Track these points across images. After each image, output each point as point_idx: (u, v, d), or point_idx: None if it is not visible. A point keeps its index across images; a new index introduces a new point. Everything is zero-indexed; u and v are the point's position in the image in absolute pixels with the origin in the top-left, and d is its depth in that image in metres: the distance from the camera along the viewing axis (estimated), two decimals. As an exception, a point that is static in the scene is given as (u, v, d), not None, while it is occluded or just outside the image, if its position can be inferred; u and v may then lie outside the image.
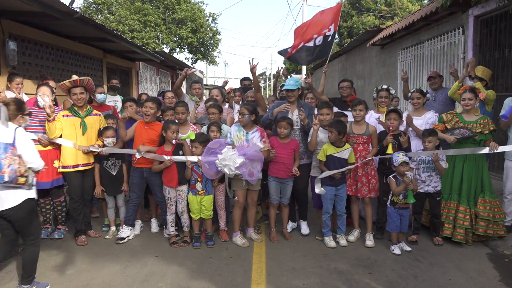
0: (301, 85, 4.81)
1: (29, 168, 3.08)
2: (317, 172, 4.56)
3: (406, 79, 5.74)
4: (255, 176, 4.26)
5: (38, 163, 3.17)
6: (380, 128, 4.68)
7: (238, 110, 5.59)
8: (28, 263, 3.26)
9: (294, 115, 4.69)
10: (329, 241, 4.40)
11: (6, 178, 2.91)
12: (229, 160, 4.07)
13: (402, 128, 4.64)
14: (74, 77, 4.43)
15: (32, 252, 3.28)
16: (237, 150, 4.14)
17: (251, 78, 5.92)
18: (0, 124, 3.04)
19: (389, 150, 4.37)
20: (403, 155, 4.12)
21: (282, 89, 4.84)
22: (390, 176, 4.23)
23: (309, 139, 4.56)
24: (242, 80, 7.02)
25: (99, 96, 5.37)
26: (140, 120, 4.64)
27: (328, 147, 4.37)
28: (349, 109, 5.02)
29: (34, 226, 3.25)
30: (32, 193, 3.17)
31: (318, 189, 4.34)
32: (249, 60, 5.31)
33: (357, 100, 4.58)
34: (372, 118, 4.96)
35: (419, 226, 4.58)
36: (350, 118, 4.72)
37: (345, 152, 4.33)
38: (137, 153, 4.41)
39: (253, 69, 5.31)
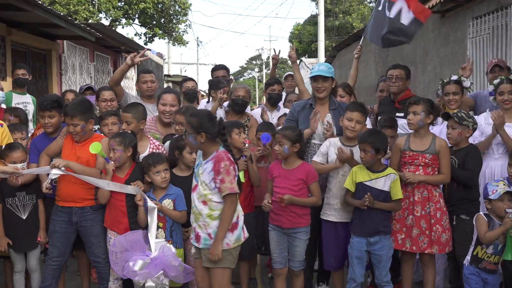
0: (334, 74, 4.85)
1: None
2: (332, 215, 4.57)
3: (470, 68, 5.64)
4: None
5: None
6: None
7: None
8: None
9: (326, 121, 4.76)
10: None
11: None
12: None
13: (474, 138, 4.67)
14: None
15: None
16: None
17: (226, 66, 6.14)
18: None
19: None
20: (504, 184, 4.14)
21: (309, 75, 4.80)
22: (481, 213, 4.22)
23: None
24: (214, 69, 6.92)
25: None
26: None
27: (358, 171, 4.41)
28: (397, 114, 5.08)
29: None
30: None
31: None
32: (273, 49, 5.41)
33: (414, 98, 4.59)
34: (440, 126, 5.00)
35: None
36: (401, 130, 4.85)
37: (381, 181, 4.31)
38: (52, 171, 4.28)
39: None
